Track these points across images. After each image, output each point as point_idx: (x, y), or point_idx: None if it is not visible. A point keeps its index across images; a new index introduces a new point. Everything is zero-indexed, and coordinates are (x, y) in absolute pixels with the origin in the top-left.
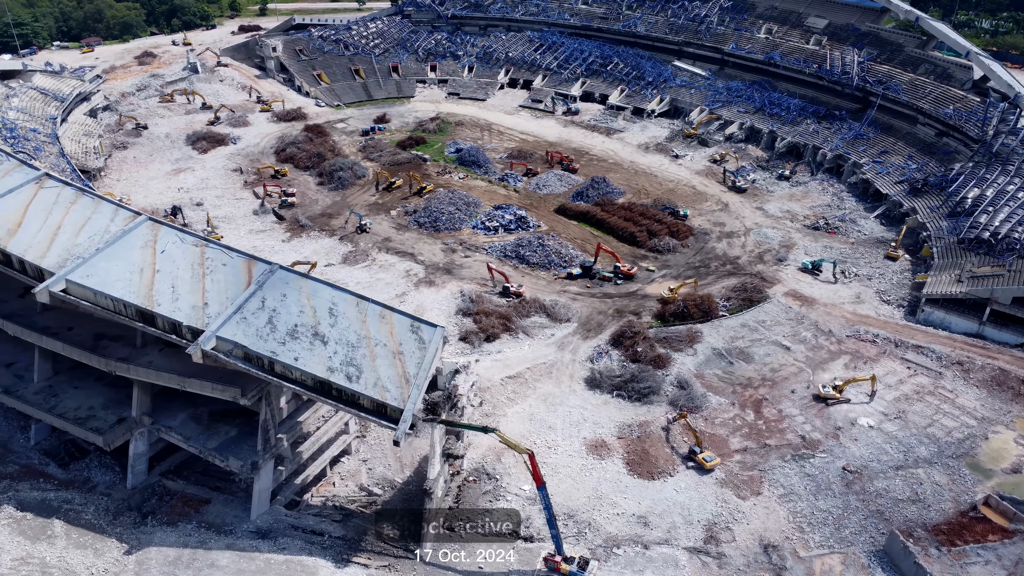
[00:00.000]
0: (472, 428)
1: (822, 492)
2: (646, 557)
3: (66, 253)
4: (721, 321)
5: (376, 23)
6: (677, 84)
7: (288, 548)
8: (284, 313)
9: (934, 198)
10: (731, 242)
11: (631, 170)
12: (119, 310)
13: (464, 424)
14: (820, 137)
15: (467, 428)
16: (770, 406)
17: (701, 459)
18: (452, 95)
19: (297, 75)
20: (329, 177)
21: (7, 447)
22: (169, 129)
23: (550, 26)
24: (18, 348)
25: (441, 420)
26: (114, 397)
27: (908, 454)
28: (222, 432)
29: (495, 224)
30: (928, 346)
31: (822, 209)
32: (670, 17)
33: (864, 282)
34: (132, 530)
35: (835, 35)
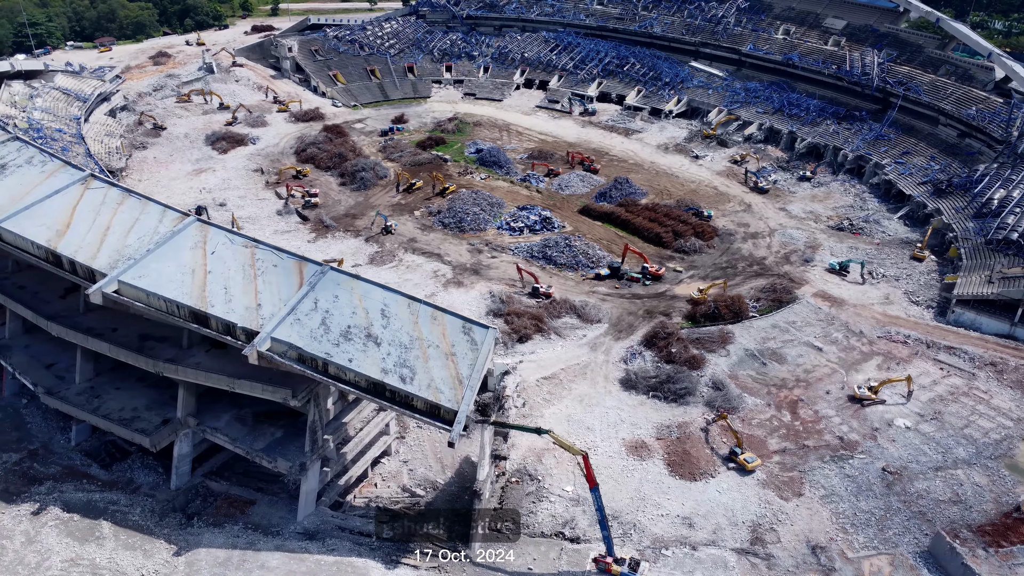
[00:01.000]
0: (526, 429)
1: (863, 493)
2: (695, 558)
3: (116, 254)
4: (752, 322)
5: (391, 23)
6: (694, 85)
7: (337, 549)
8: (337, 314)
9: (959, 199)
10: (756, 243)
11: (652, 171)
12: (172, 311)
13: (518, 426)
14: (840, 138)
15: (520, 430)
16: (806, 407)
17: (742, 460)
18: (468, 95)
19: (313, 75)
20: (351, 177)
21: (48, 448)
22: (187, 129)
23: (565, 26)
24: (57, 349)
25: (495, 422)
26: (157, 398)
27: (946, 455)
28: (268, 433)
29: (520, 225)
30: (960, 347)
31: (845, 210)
32: (686, 18)
33: (892, 283)
34: (179, 531)
35: (854, 36)
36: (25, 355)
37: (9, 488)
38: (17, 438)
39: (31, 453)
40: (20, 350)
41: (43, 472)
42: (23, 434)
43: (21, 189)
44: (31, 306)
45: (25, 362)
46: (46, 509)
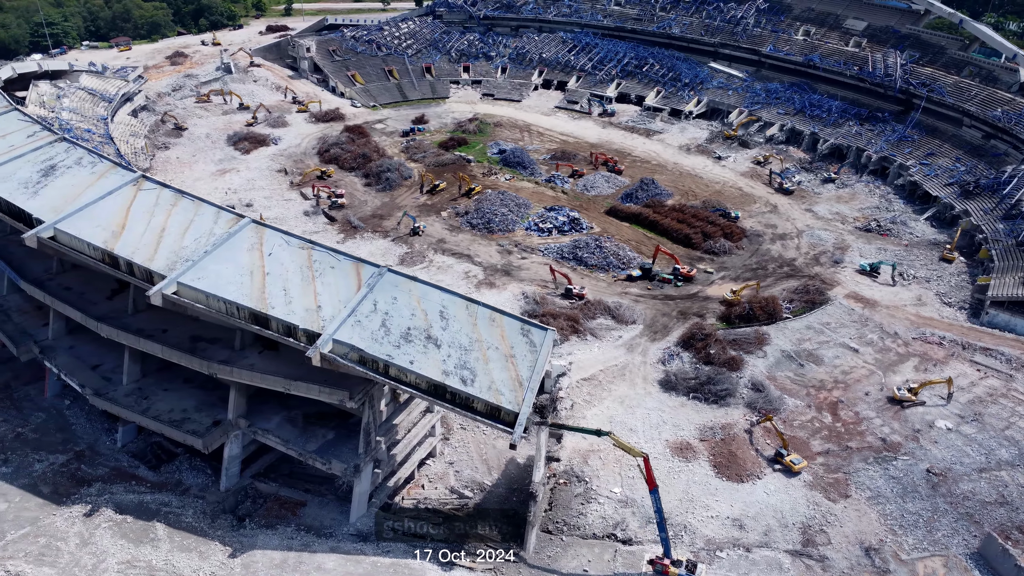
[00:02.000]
0: (586, 432)
1: (909, 495)
2: (749, 560)
3: (174, 256)
4: (786, 323)
5: (408, 24)
6: (714, 86)
7: (392, 551)
8: (396, 316)
9: (987, 200)
10: (785, 244)
11: (675, 172)
12: (231, 312)
13: (578, 428)
14: (863, 139)
15: (581, 432)
16: (846, 408)
17: (788, 461)
18: (487, 96)
19: (332, 75)
20: (377, 178)
21: (94, 449)
22: (209, 129)
23: (583, 27)
24: (102, 350)
25: (554, 424)
26: (205, 399)
27: (989, 456)
28: (319, 435)
29: (548, 226)
30: (996, 348)
31: (871, 211)
32: (705, 19)
33: (923, 284)
34: (232, 533)
35: (875, 37)
36: (70, 356)
37: (58, 489)
38: (63, 439)
39: (78, 454)
40: (64, 351)
41: (91, 473)
42: (68, 435)
43: (73, 190)
44: (79, 307)
45: (71, 363)
46: (98, 510)
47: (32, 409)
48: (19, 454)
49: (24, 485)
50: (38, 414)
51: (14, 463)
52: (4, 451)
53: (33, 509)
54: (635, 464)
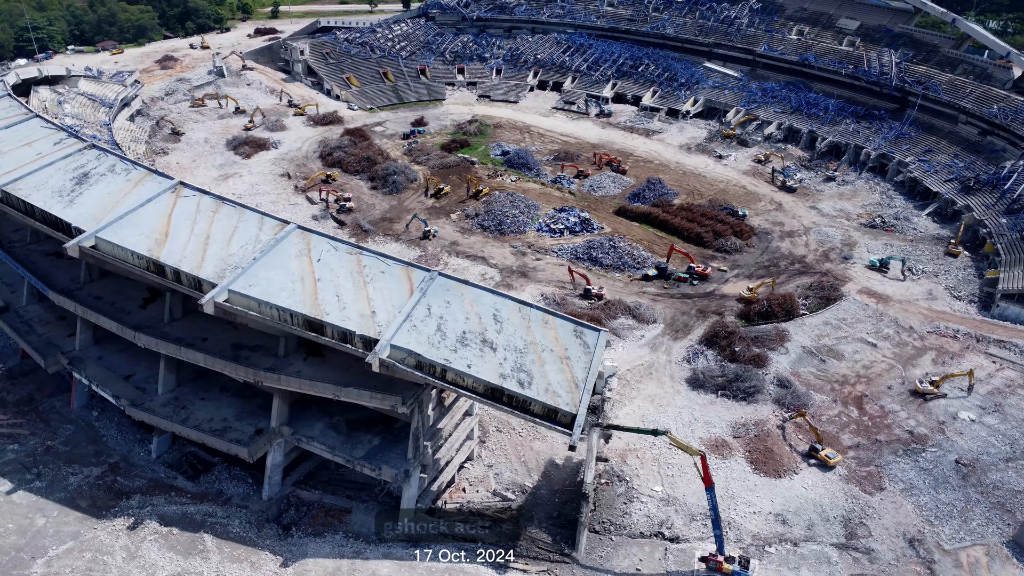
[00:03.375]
0: (643, 431)
1: (941, 486)
2: (798, 555)
3: (222, 263)
4: (803, 320)
5: (400, 25)
6: (710, 85)
7: (445, 555)
8: (451, 320)
9: (987, 196)
10: (794, 241)
11: (678, 171)
12: (284, 319)
13: (635, 428)
14: (861, 137)
15: (638, 432)
16: (871, 402)
17: (824, 456)
18: (483, 97)
19: (326, 78)
20: (383, 181)
21: (129, 461)
22: (207, 134)
23: (576, 28)
24: (132, 360)
25: (611, 425)
26: (244, 408)
27: (1014, 446)
28: (365, 441)
29: (560, 227)
30: (1010, 340)
31: (873, 208)
32: (698, 19)
33: (932, 279)
34: (281, 542)
35: (868, 36)
36: (99, 367)
37: (96, 503)
38: (95, 451)
39: (112, 467)
40: (93, 361)
41: (129, 486)
42: (100, 447)
43: (110, 198)
44: (113, 317)
45: (101, 374)
46: (142, 523)
47: (60, 421)
48: (52, 468)
49: (61, 499)
50: (67, 426)
51: (48, 477)
52: (36, 465)
53: (73, 523)
54: (672, 463)
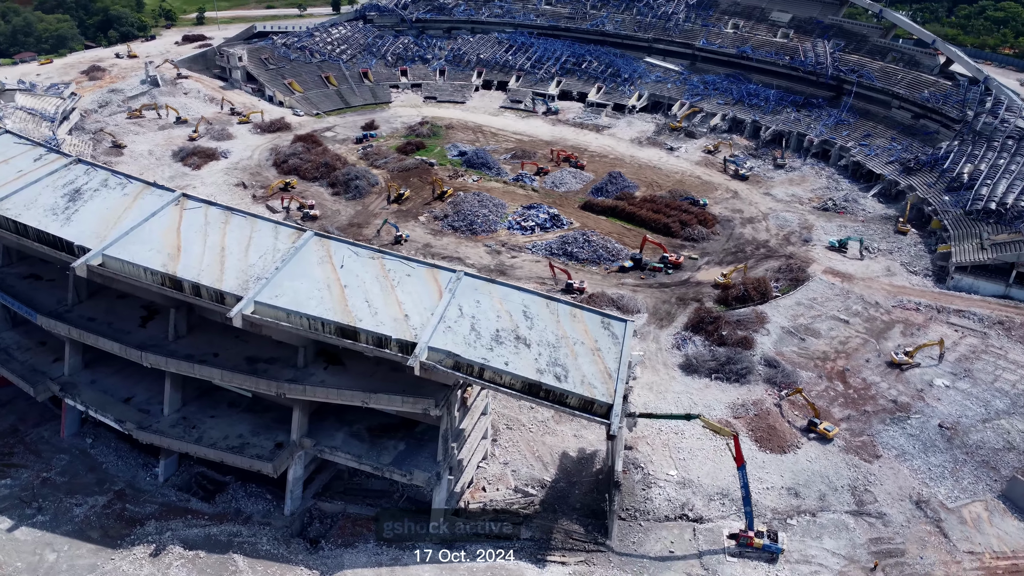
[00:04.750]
0: (676, 417)
1: (930, 449)
2: (818, 524)
3: (243, 275)
4: (777, 302)
5: (339, 29)
6: (652, 80)
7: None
8: (483, 319)
9: (928, 176)
10: (755, 227)
11: (634, 164)
12: (316, 328)
13: (668, 415)
14: (803, 124)
15: (671, 418)
16: (853, 375)
17: (822, 429)
18: (429, 99)
19: (268, 84)
20: (345, 186)
21: (135, 487)
22: (150, 146)
23: (516, 27)
24: (130, 381)
25: (643, 414)
26: (258, 422)
27: (988, 408)
28: (390, 447)
29: (530, 224)
30: (968, 310)
31: (822, 191)
32: (636, 15)
33: (888, 256)
34: (314, 556)
35: (800, 28)
36: (94, 391)
37: (108, 532)
38: (96, 480)
39: (118, 494)
40: (87, 386)
41: (140, 512)
42: (101, 475)
43: (109, 214)
44: (114, 338)
45: (98, 399)
46: (165, 549)
47: (52, 452)
48: (52, 500)
49: (69, 532)
50: (61, 456)
51: (50, 510)
52: (35, 498)
53: (87, 556)
54: (681, 447)
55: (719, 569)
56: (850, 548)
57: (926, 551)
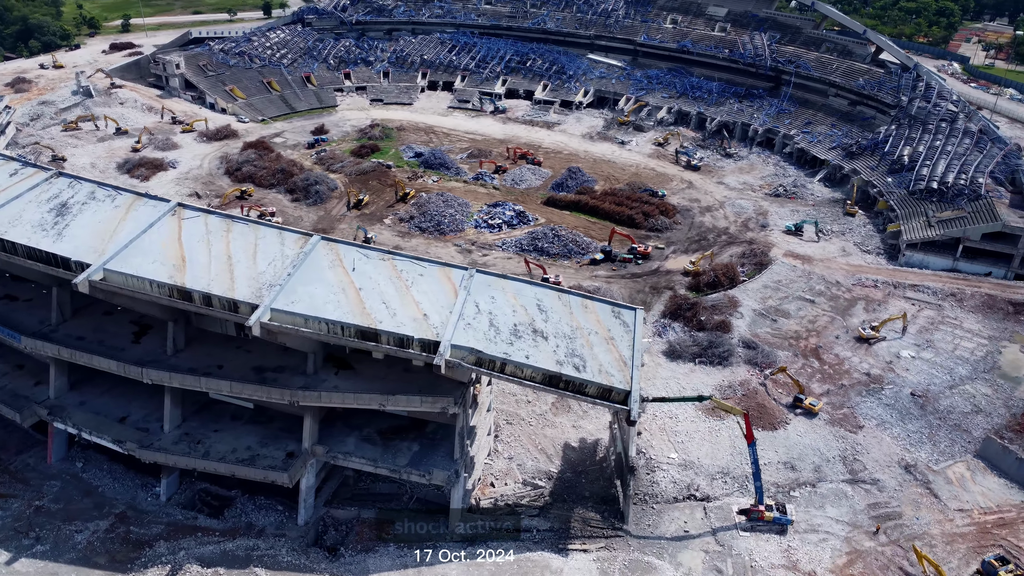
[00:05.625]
0: (688, 400)
1: (906, 417)
2: (819, 494)
3: (254, 282)
4: (746, 286)
5: (277, 33)
6: (597, 76)
7: (508, 549)
8: (500, 314)
9: (870, 159)
10: (714, 215)
11: (588, 159)
12: (335, 332)
13: (681, 397)
14: (746, 115)
15: (684, 400)
16: (826, 352)
17: (808, 404)
18: (376, 101)
19: (208, 92)
20: (304, 192)
21: (136, 508)
22: (91, 158)
23: (458, 27)
24: (122, 400)
25: (657, 397)
26: (265, 433)
27: (952, 374)
28: (404, 449)
29: (497, 221)
30: (922, 284)
31: (771, 178)
32: (576, 13)
33: (840, 237)
34: (337, 565)
35: (736, 22)
36: (86, 412)
37: (116, 557)
38: (94, 504)
39: (120, 517)
40: (76, 408)
41: (146, 534)
42: (98, 499)
43: (103, 227)
44: (109, 356)
45: (92, 420)
46: (182, 568)
47: (41, 479)
48: (50, 529)
49: (73, 560)
50: (51, 483)
51: (49, 539)
52: (31, 528)
53: None
54: (677, 430)
55: (734, 544)
56: (852, 514)
57: (921, 512)
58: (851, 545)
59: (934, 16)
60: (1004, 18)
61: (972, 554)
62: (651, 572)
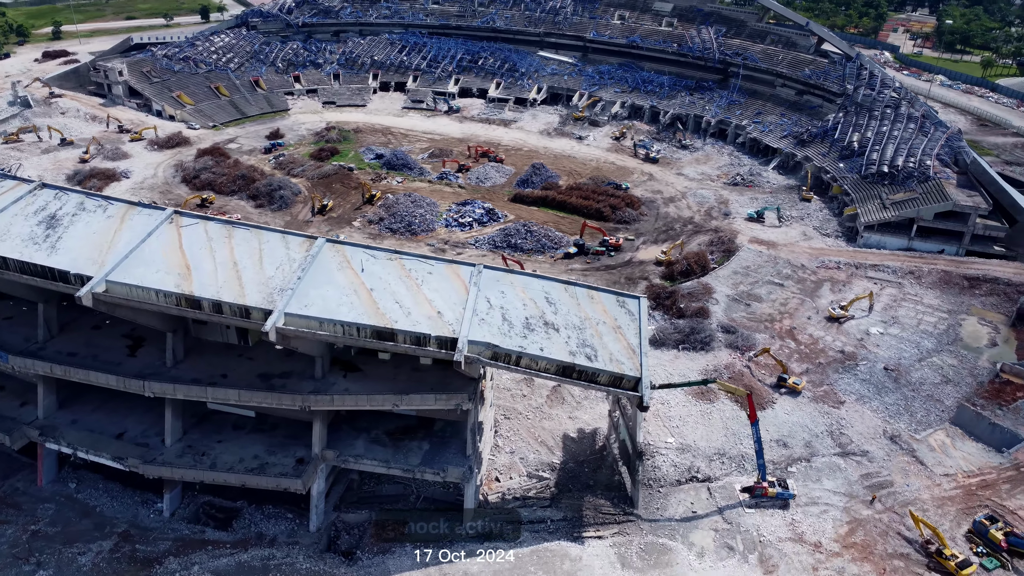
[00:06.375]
0: (695, 384)
1: (882, 391)
2: (814, 468)
3: (264, 288)
4: (716, 272)
5: (221, 37)
6: (549, 72)
7: (525, 541)
8: (511, 308)
9: (820, 146)
10: (677, 205)
11: (549, 155)
12: (351, 334)
13: (688, 382)
14: (698, 107)
15: (690, 385)
16: (800, 332)
17: (792, 383)
18: (328, 104)
19: (155, 98)
20: (269, 198)
21: (139, 526)
22: (38, 171)
23: (407, 27)
24: (116, 416)
25: (663, 384)
26: (271, 441)
27: (919, 348)
28: (415, 448)
29: (467, 219)
30: (882, 263)
31: (727, 168)
32: (524, 11)
33: (800, 222)
34: (357, 569)
35: (683, 16)
36: (79, 431)
37: None
38: (94, 525)
39: (123, 536)
40: (68, 427)
41: (154, 551)
42: (98, 519)
43: (99, 238)
44: (106, 371)
45: (87, 438)
46: None
47: (33, 502)
48: (50, 553)
49: None
50: (45, 506)
51: (51, 564)
52: (30, 553)
53: None
54: (671, 415)
55: (741, 521)
56: (847, 485)
57: (910, 479)
58: (850, 514)
59: (863, 7)
60: (925, 8)
61: (962, 515)
62: (667, 554)
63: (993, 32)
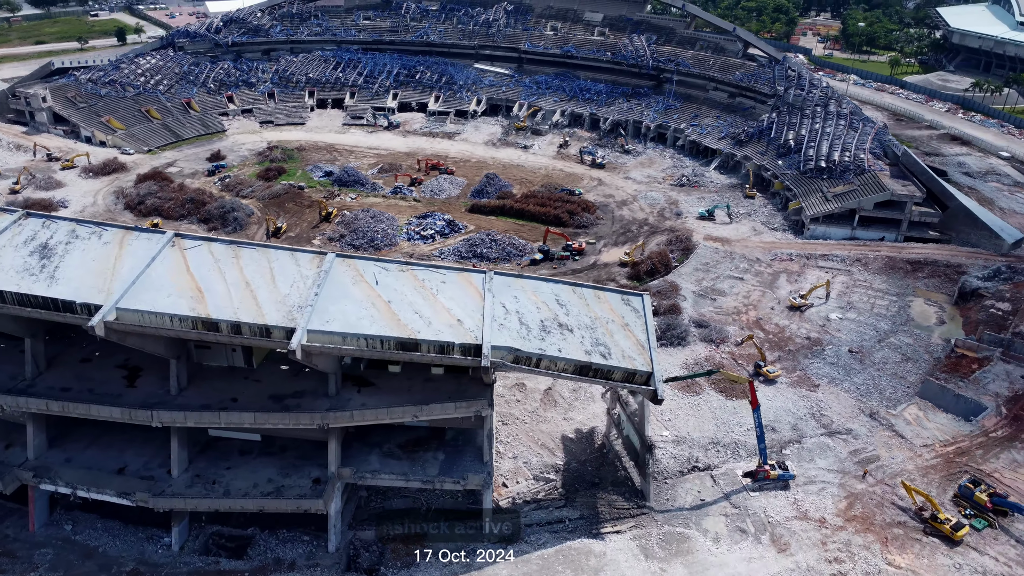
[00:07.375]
0: (699, 375)
1: (850, 372)
2: (806, 449)
3: (281, 306)
4: (679, 270)
5: (147, 59)
6: (487, 84)
7: (547, 542)
8: (526, 312)
9: (758, 145)
10: (631, 208)
11: (498, 165)
12: (375, 347)
13: (692, 374)
14: (636, 112)
15: (695, 376)
16: (767, 322)
17: (766, 371)
18: (266, 123)
19: (83, 124)
20: (222, 220)
21: (147, 562)
22: None
23: (339, 44)
24: (113, 451)
25: (671, 378)
26: (283, 463)
27: (876, 330)
28: (430, 459)
29: (430, 232)
30: (830, 253)
31: (671, 170)
32: (458, 24)
33: (748, 218)
34: None
35: (614, 25)
36: (76, 469)
37: None
38: (99, 566)
39: (133, 574)
40: (63, 466)
41: None
42: (102, 559)
43: (98, 265)
44: (108, 404)
45: (85, 476)
46: None
47: (27, 549)
48: None
49: None
50: (42, 551)
51: None
52: None
53: None
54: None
55: (747, 505)
56: (839, 463)
57: (894, 452)
58: (846, 490)
59: (773, 13)
60: (827, 12)
61: (946, 482)
62: (685, 541)
63: (894, 33)
